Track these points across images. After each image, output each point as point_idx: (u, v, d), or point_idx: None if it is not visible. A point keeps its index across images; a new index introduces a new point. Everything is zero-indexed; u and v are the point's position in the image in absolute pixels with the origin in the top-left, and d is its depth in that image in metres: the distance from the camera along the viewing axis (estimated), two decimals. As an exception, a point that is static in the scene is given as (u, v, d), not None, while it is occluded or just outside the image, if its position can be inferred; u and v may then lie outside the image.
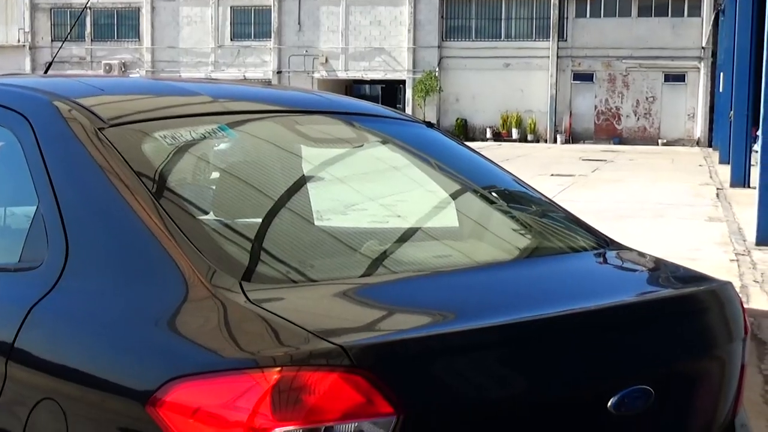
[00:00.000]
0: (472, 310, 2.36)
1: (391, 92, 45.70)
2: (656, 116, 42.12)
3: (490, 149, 30.65)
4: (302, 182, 3.13)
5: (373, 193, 3.56)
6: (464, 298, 2.48)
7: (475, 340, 2.14)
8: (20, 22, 49.09)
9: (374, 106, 3.73)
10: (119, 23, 48.57)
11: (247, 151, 3.20)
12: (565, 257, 2.99)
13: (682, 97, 41.84)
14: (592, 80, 42.89)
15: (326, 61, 45.79)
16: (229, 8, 46.72)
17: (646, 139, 41.55)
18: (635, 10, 42.05)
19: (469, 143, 4.21)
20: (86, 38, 48.37)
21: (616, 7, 42.31)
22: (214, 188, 3.03)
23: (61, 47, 6.03)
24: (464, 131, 42.87)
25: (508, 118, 42.96)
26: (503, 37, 43.92)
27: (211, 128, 2.95)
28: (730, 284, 2.82)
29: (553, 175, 22.22)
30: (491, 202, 3.41)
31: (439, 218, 3.25)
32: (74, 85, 3.26)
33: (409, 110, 42.17)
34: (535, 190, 3.50)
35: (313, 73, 45.65)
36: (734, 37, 22.55)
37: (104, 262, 2.42)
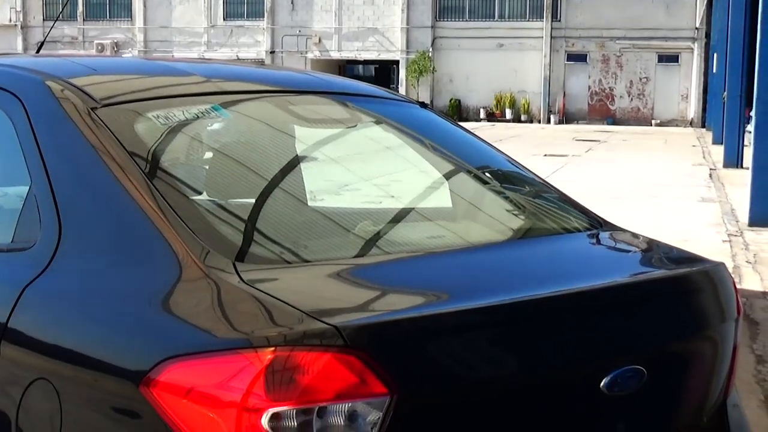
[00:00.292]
0: (465, 290, 2.36)
1: (384, 72, 45.63)
2: (650, 97, 42.12)
3: (483, 129, 30.63)
4: (296, 162, 3.13)
5: (366, 173, 3.56)
6: (458, 278, 2.48)
7: (468, 320, 2.14)
8: (12, 1, 48.86)
9: (368, 86, 3.72)
10: (111, 3, 48.35)
11: (240, 131, 3.19)
12: (558, 238, 3.00)
13: (675, 77, 41.84)
14: (585, 61, 42.85)
15: (319, 41, 45.67)
16: (221, -13, 46.55)
17: (639, 119, 41.56)
18: (629, -10, 41.99)
19: (462, 123, 4.21)
20: (78, 18, 48.16)
21: (610, -13, 42.23)
22: (207, 168, 3.03)
23: (53, 27, 6.01)
24: (458, 111, 42.84)
25: (501, 98, 42.92)
26: (497, 17, 43.83)
27: (204, 108, 2.94)
28: (722, 265, 2.82)
29: (546, 155, 22.22)
30: (485, 182, 3.40)
31: (432, 199, 3.25)
32: (66, 64, 3.25)
33: (402, 90, 42.10)
34: (528, 170, 3.49)
35: (306, 53, 45.53)
36: (728, 17, 22.54)
37: (97, 242, 2.42)
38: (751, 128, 13.52)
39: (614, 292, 2.47)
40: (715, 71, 29.85)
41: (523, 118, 42.30)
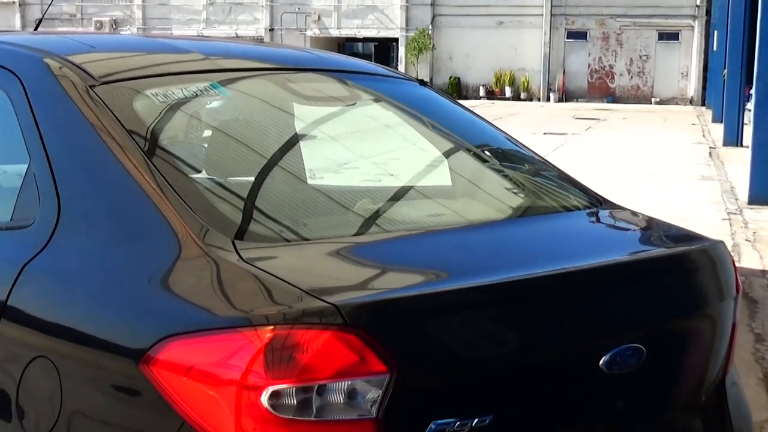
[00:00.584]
0: (464, 268, 2.36)
1: (383, 50, 45.48)
2: (649, 75, 42.00)
3: (483, 107, 30.57)
4: (295, 141, 3.12)
5: (365, 151, 3.55)
6: (457, 257, 2.48)
7: (467, 298, 2.14)
8: (10, -22, 48.65)
9: (367, 63, 3.71)
10: (110, -20, 48.14)
11: (239, 109, 3.19)
12: (557, 216, 3.00)
13: (675, 55, 41.71)
14: (585, 38, 42.69)
15: (319, 18, 45.49)
16: (220, -36, 46.37)
17: (639, 97, 41.47)
18: (630, -33, 41.82)
19: (462, 101, 4.20)
20: (77, -5, 47.99)
21: (610, -36, 42.06)
22: (206, 146, 3.02)
23: (51, 4, 5.99)
24: (457, 89, 42.74)
25: (501, 76, 42.80)
26: (497, -6, 43.66)
27: (203, 86, 2.94)
28: (722, 243, 2.82)
29: (546, 133, 22.19)
30: (484, 160, 3.40)
31: (432, 177, 3.25)
32: (65, 42, 3.24)
33: (402, 68, 41.98)
34: (528, 148, 3.49)
35: (305, 30, 45.37)
36: (729, -5, 22.45)
37: (96, 220, 2.42)
38: (751, 106, 13.50)
39: (613, 270, 2.47)
40: (715, 49, 29.77)
41: (522, 96, 42.20)
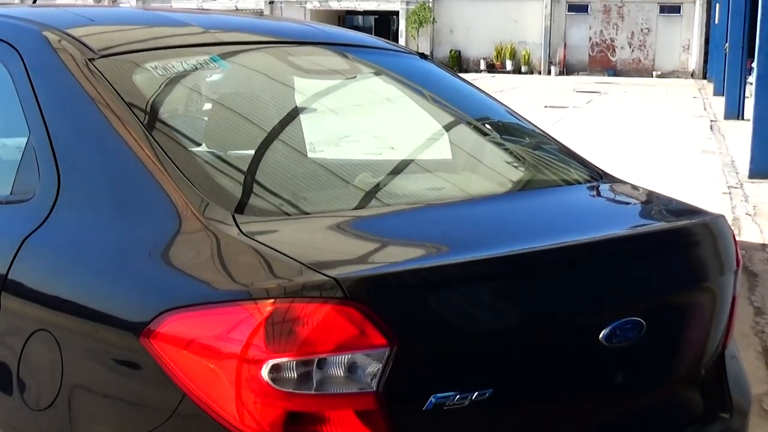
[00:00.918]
0: (465, 242, 2.36)
1: (384, 23, 45.31)
2: (651, 48, 41.87)
3: (483, 81, 30.51)
4: (295, 114, 3.12)
5: (366, 125, 3.55)
6: (457, 230, 2.48)
7: (468, 272, 2.14)
8: (8, -50, 48.46)
9: (367, 37, 3.70)
10: (109, -48, 47.92)
11: (239, 82, 3.18)
12: (558, 190, 2.99)
13: (677, 28, 41.56)
14: (586, 11, 42.52)
15: (319, -9, 45.33)
16: (220, -63, 46.13)
17: (640, 71, 41.36)
18: (632, -61, 41.61)
19: (462, 75, 4.19)
20: (76, -33, 47.77)
21: (612, -64, 41.84)
22: (206, 120, 3.02)
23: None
24: (458, 63, 42.62)
25: (502, 49, 42.66)
26: (498, -34, 43.46)
27: (202, 59, 2.93)
28: (722, 217, 2.82)
29: (546, 107, 22.15)
30: (485, 134, 3.39)
31: (432, 150, 3.24)
32: (64, 15, 3.22)
33: (402, 42, 41.83)
34: (528, 122, 3.48)
35: (305, 3, 45.18)
36: (731, -33, 22.34)
37: (96, 194, 2.41)
38: (752, 79, 13.46)
39: (614, 244, 2.47)
40: (717, 22, 29.65)
41: (523, 69, 42.09)
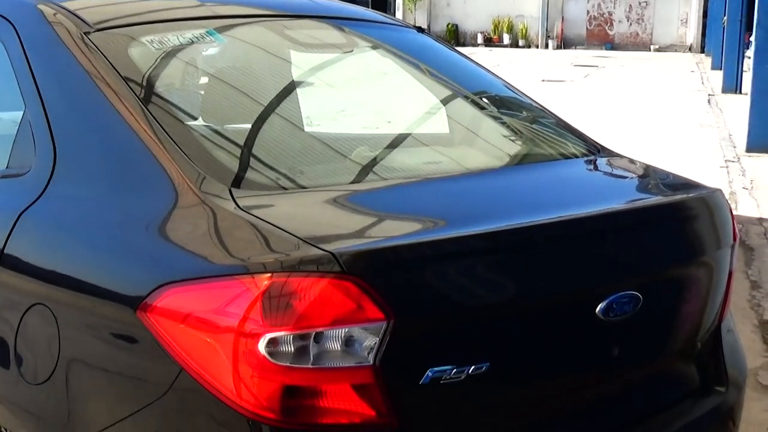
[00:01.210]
0: (462, 216, 2.36)
1: (381, -4, 45.15)
2: (649, 22, 41.71)
3: (480, 55, 30.41)
4: (292, 88, 3.11)
5: (363, 99, 3.54)
6: (454, 204, 2.48)
7: (465, 246, 2.14)
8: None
9: (364, 10, 3.68)
10: (104, -75, 47.60)
11: (235, 56, 3.17)
12: (555, 164, 2.99)
13: (675, 2, 41.38)
14: (584, -15, 42.36)
15: (315, -36, 45.08)
16: None
17: (638, 44, 41.22)
18: None
19: (459, 49, 4.17)
20: (71, -60, 47.45)
21: None
22: (202, 94, 3.01)
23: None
24: (455, 36, 42.47)
25: (499, 23, 42.49)
26: (495, -61, 43.24)
27: (198, 33, 2.91)
28: (719, 191, 2.82)
29: (544, 81, 22.10)
30: (482, 108, 3.39)
31: (429, 124, 3.24)
32: (59, -12, 3.20)
33: (399, 15, 41.67)
34: (526, 95, 3.48)
35: (302, -24, 44.94)
36: (729, -60, 22.22)
37: (92, 168, 2.41)
38: (750, 53, 13.43)
39: (611, 218, 2.47)
40: (715, -5, 29.54)
41: (520, 43, 41.94)
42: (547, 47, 41.60)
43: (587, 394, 2.45)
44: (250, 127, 2.76)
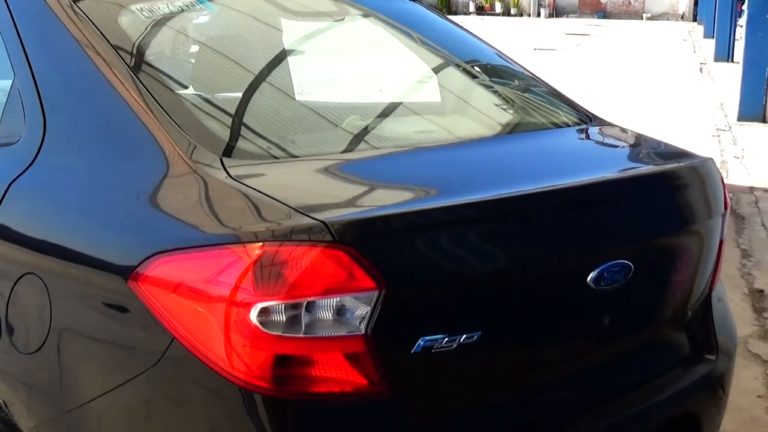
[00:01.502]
0: (453, 185, 2.36)
1: (372, -36, 44.87)
2: (641, -10, 41.58)
3: (472, 23, 30.28)
4: (283, 56, 3.09)
5: (354, 67, 3.53)
6: (446, 173, 2.47)
7: (456, 215, 2.14)
8: None
9: (356, -22, 3.65)
10: None
11: (226, 24, 3.15)
12: (547, 133, 2.99)
13: (667, -30, 41.26)
14: (577, -48, 42.15)
15: (306, -69, 44.80)
16: None
17: (630, 13, 41.10)
18: None
19: (451, 17, 4.15)
20: None
21: None
22: (193, 62, 2.99)
23: None
24: (447, 5, 42.25)
25: (491, -9, 42.35)
26: None
27: (189, 1, 2.89)
28: (711, 160, 2.82)
29: (536, 49, 22.02)
30: (474, 76, 3.38)
31: (421, 93, 3.23)
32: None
33: (391, -17, 41.40)
34: (518, 64, 3.46)
35: (293, -56, 44.67)
36: None
37: (82, 137, 2.40)
38: (743, 22, 13.41)
39: (602, 187, 2.47)
40: (707, -37, 29.43)
41: (512, 11, 41.77)
42: (539, 15, 41.45)
43: (578, 362, 2.46)
44: (241, 96, 2.74)
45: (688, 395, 2.67)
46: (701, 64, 19.04)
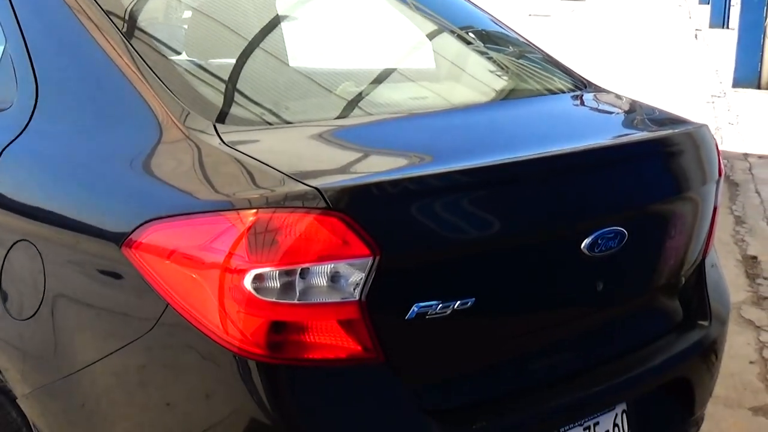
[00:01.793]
0: (448, 152, 2.35)
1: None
2: (636, -45, 41.39)
3: (467, -11, 30.10)
4: (276, 22, 3.07)
5: (348, 33, 3.50)
6: (440, 140, 2.46)
7: (450, 181, 2.14)
8: None
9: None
10: None
11: (219, -11, 3.12)
12: (542, 99, 2.98)
13: (663, -65, 41.06)
14: None
15: None
16: None
17: (625, -22, 40.93)
18: None
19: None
20: None
21: None
22: (186, 28, 2.97)
23: None
24: (441, -30, 42.09)
25: (486, -44, 42.14)
26: None
27: (181, -34, 2.87)
28: (705, 127, 2.82)
29: (530, 15, 21.94)
30: (468, 42, 3.36)
31: (415, 59, 3.21)
32: None
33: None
34: (512, 30, 3.45)
35: None
36: None
37: (75, 103, 2.38)
38: (738, -12, 13.35)
39: (597, 153, 2.46)
40: (703, -71, 29.26)
41: (507, -23, 41.61)
42: (534, -19, 41.10)
43: (572, 328, 2.46)
44: (234, 62, 2.73)
45: (680, 361, 2.68)
46: (696, 30, 18.98)
